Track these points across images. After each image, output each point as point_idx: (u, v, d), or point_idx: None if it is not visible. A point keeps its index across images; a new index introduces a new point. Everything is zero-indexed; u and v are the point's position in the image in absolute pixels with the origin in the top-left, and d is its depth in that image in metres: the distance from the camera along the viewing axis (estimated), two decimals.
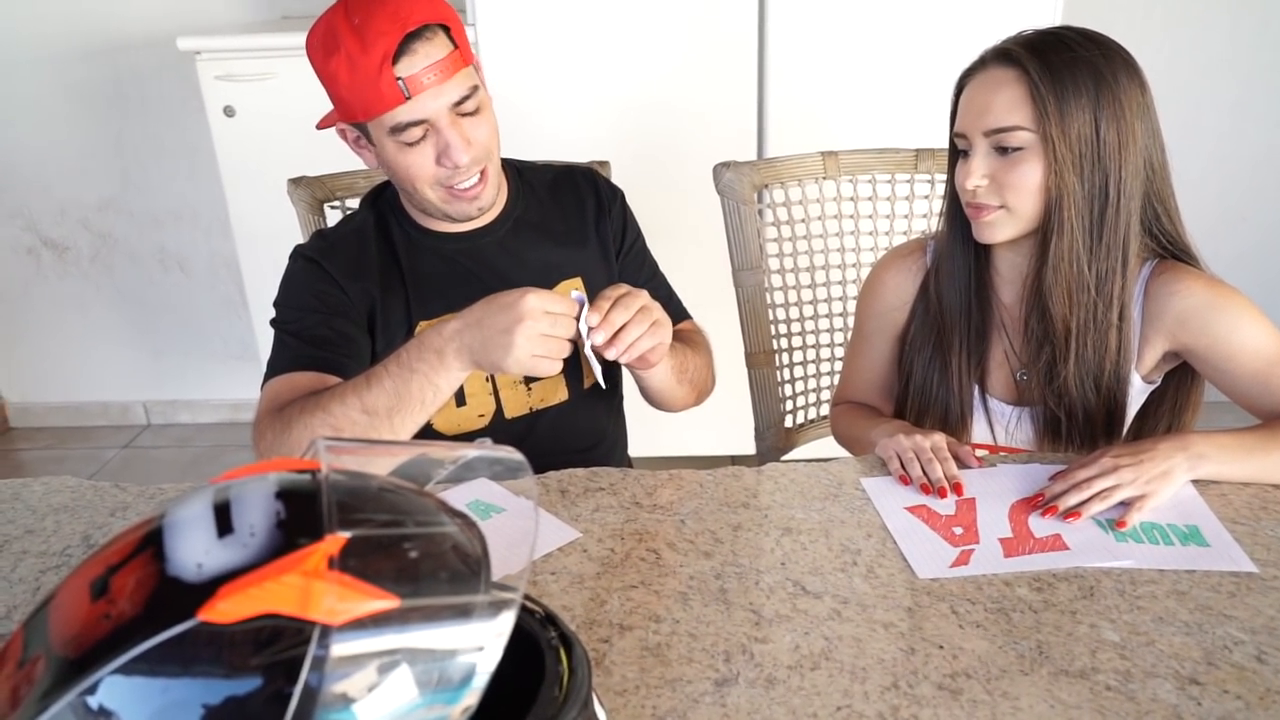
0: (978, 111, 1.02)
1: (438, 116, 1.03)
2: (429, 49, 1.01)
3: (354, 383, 0.96)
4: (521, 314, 0.89)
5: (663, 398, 1.18)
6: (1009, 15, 1.91)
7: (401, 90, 1.00)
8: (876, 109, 1.99)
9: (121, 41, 2.45)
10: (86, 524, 0.98)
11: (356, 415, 0.93)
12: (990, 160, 1.03)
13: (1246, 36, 2.39)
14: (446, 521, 0.59)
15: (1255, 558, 0.85)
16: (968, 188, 1.04)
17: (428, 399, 0.95)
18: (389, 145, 1.05)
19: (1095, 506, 0.91)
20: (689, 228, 1.73)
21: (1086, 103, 0.98)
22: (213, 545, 0.51)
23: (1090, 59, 0.99)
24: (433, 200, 1.09)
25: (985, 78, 1.03)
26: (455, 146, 1.04)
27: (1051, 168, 1.00)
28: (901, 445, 1.01)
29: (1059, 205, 1.01)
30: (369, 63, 0.99)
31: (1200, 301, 1.03)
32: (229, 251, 2.53)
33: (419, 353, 0.94)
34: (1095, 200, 1.01)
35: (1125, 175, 1.00)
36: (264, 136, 2.10)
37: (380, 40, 0.98)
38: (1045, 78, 0.98)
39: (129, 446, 2.72)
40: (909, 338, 1.20)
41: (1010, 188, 1.02)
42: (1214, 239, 2.57)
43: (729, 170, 1.43)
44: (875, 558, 0.88)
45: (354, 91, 1.01)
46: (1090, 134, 0.99)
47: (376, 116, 1.03)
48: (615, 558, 0.90)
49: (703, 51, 1.97)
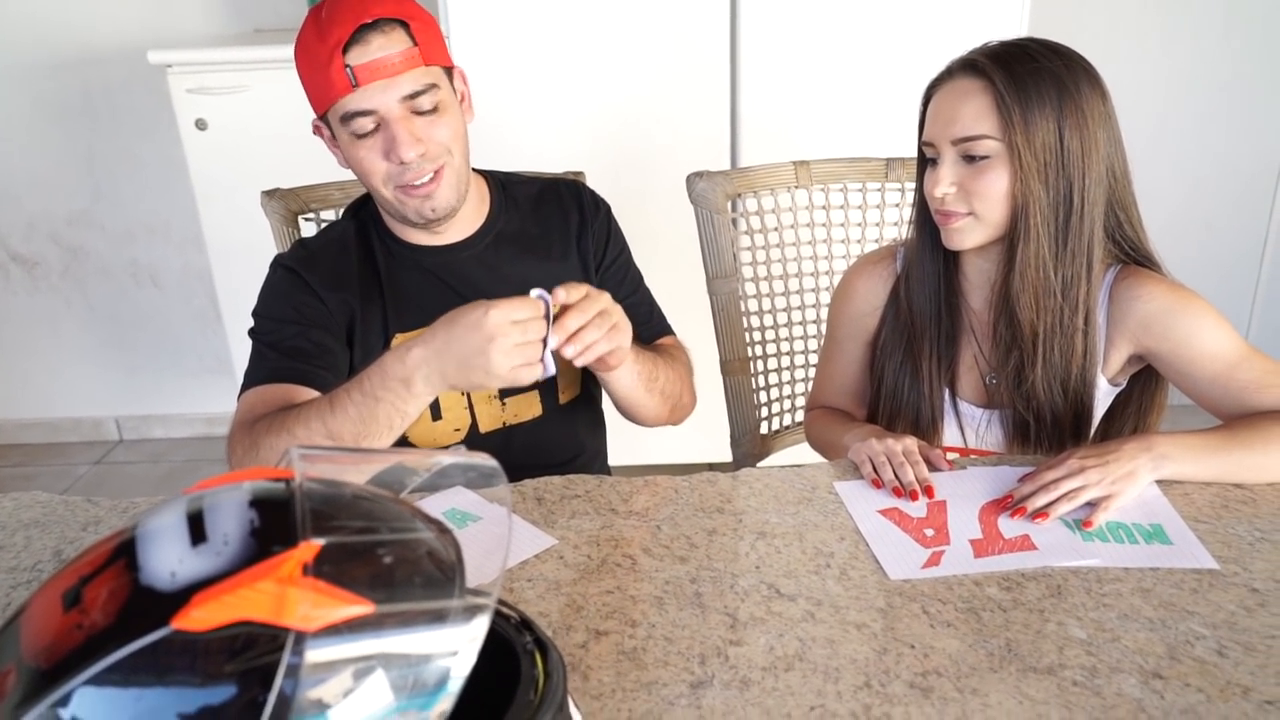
0: (945, 120, 1.04)
1: (387, 110, 1.04)
2: (384, 41, 1.02)
3: (317, 405, 0.95)
4: (491, 332, 0.88)
5: (631, 406, 1.17)
6: (975, 27, 1.95)
7: (349, 79, 1.01)
8: (847, 119, 2.02)
9: (92, 54, 2.44)
10: (58, 539, 0.97)
11: (320, 440, 0.93)
12: (958, 168, 1.05)
13: (1209, 49, 2.44)
14: (421, 528, 0.59)
15: (1216, 555, 0.87)
16: (936, 195, 1.06)
17: (395, 424, 0.94)
18: (344, 137, 1.06)
19: (1063, 507, 0.93)
20: (663, 237, 1.75)
21: (1050, 112, 1.01)
22: (186, 554, 0.51)
23: (1053, 69, 1.01)
24: (389, 199, 1.10)
25: (952, 87, 1.05)
26: (401, 141, 1.04)
27: (1017, 175, 1.02)
28: (873, 449, 1.03)
29: (1025, 212, 1.03)
30: (322, 50, 1.01)
31: (1163, 306, 1.06)
32: (202, 265, 2.52)
33: (382, 380, 0.93)
34: (1060, 207, 1.03)
35: (1089, 183, 1.03)
36: (236, 149, 2.09)
37: (335, 29, 1.01)
38: (1010, 87, 1.01)
39: (101, 462, 2.69)
40: (880, 343, 1.22)
41: (977, 195, 1.04)
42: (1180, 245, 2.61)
43: (702, 180, 1.44)
44: (848, 560, 0.89)
45: (311, 80, 1.04)
46: (1054, 142, 1.01)
47: (329, 105, 1.04)
48: (591, 564, 0.90)
49: (675, 62, 1.99)
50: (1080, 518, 0.92)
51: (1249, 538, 0.90)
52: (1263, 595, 0.82)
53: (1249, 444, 0.98)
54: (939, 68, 1.09)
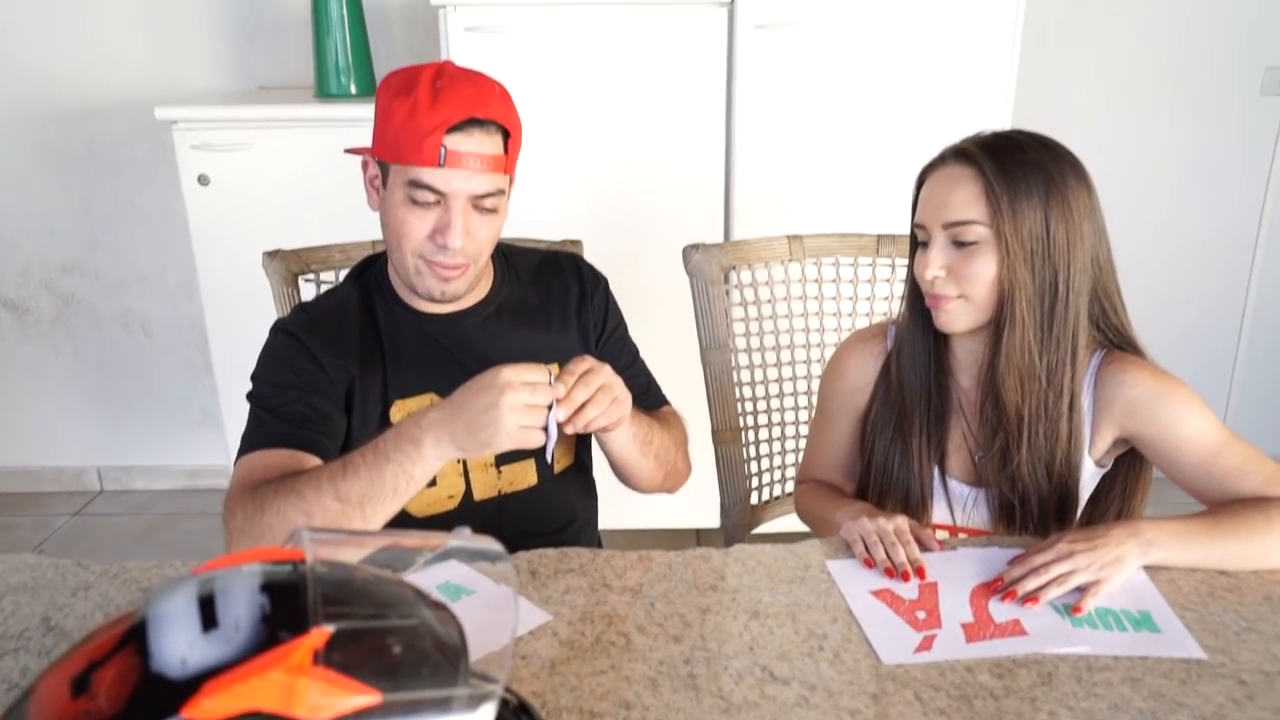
0: (936, 205, 1.08)
1: (455, 197, 1.07)
2: (483, 140, 1.06)
3: (330, 469, 0.97)
4: (502, 387, 0.91)
5: (626, 468, 1.19)
6: (964, 109, 2.02)
7: (440, 156, 1.04)
8: (839, 195, 2.07)
9: (98, 106, 2.47)
10: (46, 604, 0.96)
11: (329, 502, 0.94)
12: (948, 252, 1.08)
13: (1184, 130, 2.53)
14: (426, 613, 0.60)
15: (1204, 644, 0.89)
16: (926, 277, 1.09)
17: (401, 488, 0.95)
18: (398, 195, 1.08)
19: (1052, 591, 0.94)
20: (658, 306, 1.77)
21: (1037, 202, 1.04)
22: (197, 640, 0.51)
23: (1041, 162, 1.05)
24: (408, 265, 1.12)
25: (944, 173, 1.09)
26: (454, 229, 1.07)
27: (1004, 261, 1.05)
28: (865, 528, 1.04)
29: (1011, 298, 1.06)
30: (429, 120, 1.04)
31: (1147, 391, 1.09)
32: (195, 315, 2.52)
33: (396, 442, 0.95)
34: (1045, 294, 1.06)
35: (1073, 271, 1.06)
36: (237, 205, 2.11)
37: (448, 107, 1.04)
38: (999, 176, 1.04)
39: (80, 514, 2.66)
40: (870, 418, 1.23)
41: (966, 279, 1.07)
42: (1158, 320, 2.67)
43: (698, 252, 1.47)
44: (841, 642, 0.90)
45: (401, 134, 1.05)
46: (1040, 231, 1.05)
47: (405, 165, 1.06)
48: (585, 641, 0.90)
49: (672, 135, 2.04)
50: (1069, 603, 0.94)
51: (1235, 627, 0.91)
52: (1250, 688, 0.83)
53: (1233, 531, 1.00)
54: (928, 147, 1.14)
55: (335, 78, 2.21)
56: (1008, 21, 1.97)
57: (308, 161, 2.07)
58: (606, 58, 2.00)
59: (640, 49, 1.99)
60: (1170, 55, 2.48)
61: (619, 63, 2.00)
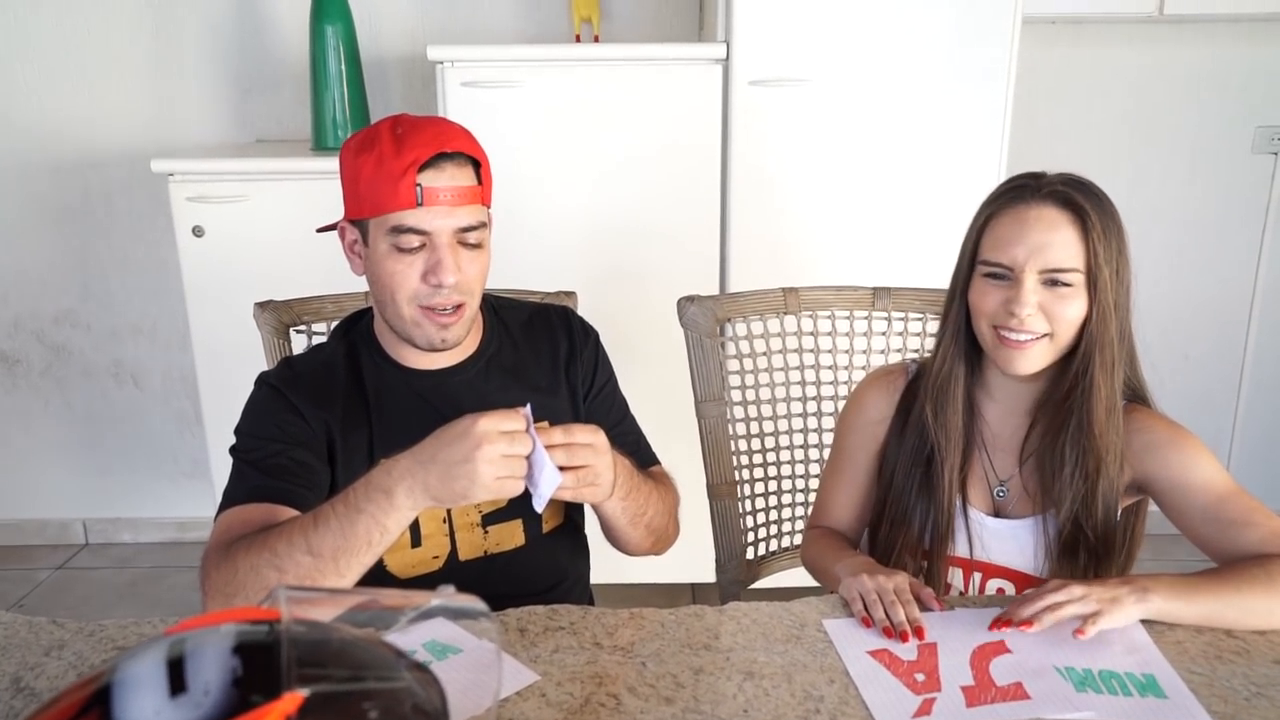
0: (1033, 247, 1.08)
1: (439, 234, 1.07)
2: (455, 172, 1.07)
3: (301, 522, 0.94)
4: (478, 439, 0.88)
5: (615, 534, 1.17)
6: (957, 163, 2.03)
7: (417, 196, 1.04)
8: (835, 248, 2.08)
9: (94, 157, 2.48)
10: (18, 664, 0.93)
11: (301, 556, 0.91)
12: (1039, 292, 1.10)
13: (1177, 188, 2.55)
14: (406, 675, 0.58)
15: (1213, 710, 0.86)
16: (1020, 315, 1.09)
17: (374, 540, 0.92)
18: (382, 247, 1.08)
19: (1048, 618, 0.93)
20: (652, 358, 1.76)
21: (1117, 247, 1.10)
22: (164, 705, 0.49)
23: (1112, 209, 1.12)
24: (405, 317, 1.10)
25: (1039, 215, 1.09)
26: (445, 265, 1.06)
27: (1094, 305, 1.09)
28: (864, 586, 1.01)
29: (1100, 341, 1.09)
30: (397, 164, 1.04)
31: (1163, 438, 1.13)
32: (186, 366, 2.51)
33: (366, 492, 0.92)
34: (1124, 335, 1.12)
35: (1131, 313, 1.13)
36: (231, 257, 2.11)
37: (415, 149, 1.04)
38: (1097, 223, 1.08)
39: (64, 567, 2.61)
40: (887, 452, 1.24)
41: (1056, 319, 1.09)
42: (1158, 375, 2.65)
43: (693, 304, 1.46)
44: (838, 705, 0.87)
45: (372, 186, 1.05)
46: (1123, 275, 1.11)
47: (384, 214, 1.06)
48: (575, 702, 0.87)
49: (668, 187, 2.05)
50: (1073, 664, 0.91)
51: (1245, 692, 0.89)
52: None
53: (1234, 586, 0.98)
54: (921, 202, 1.16)
55: (333, 131, 2.22)
56: (999, 80, 1.99)
57: (304, 213, 2.06)
58: (602, 112, 2.02)
59: (636, 104, 2.01)
60: (1161, 114, 2.51)
61: (615, 117, 2.02)
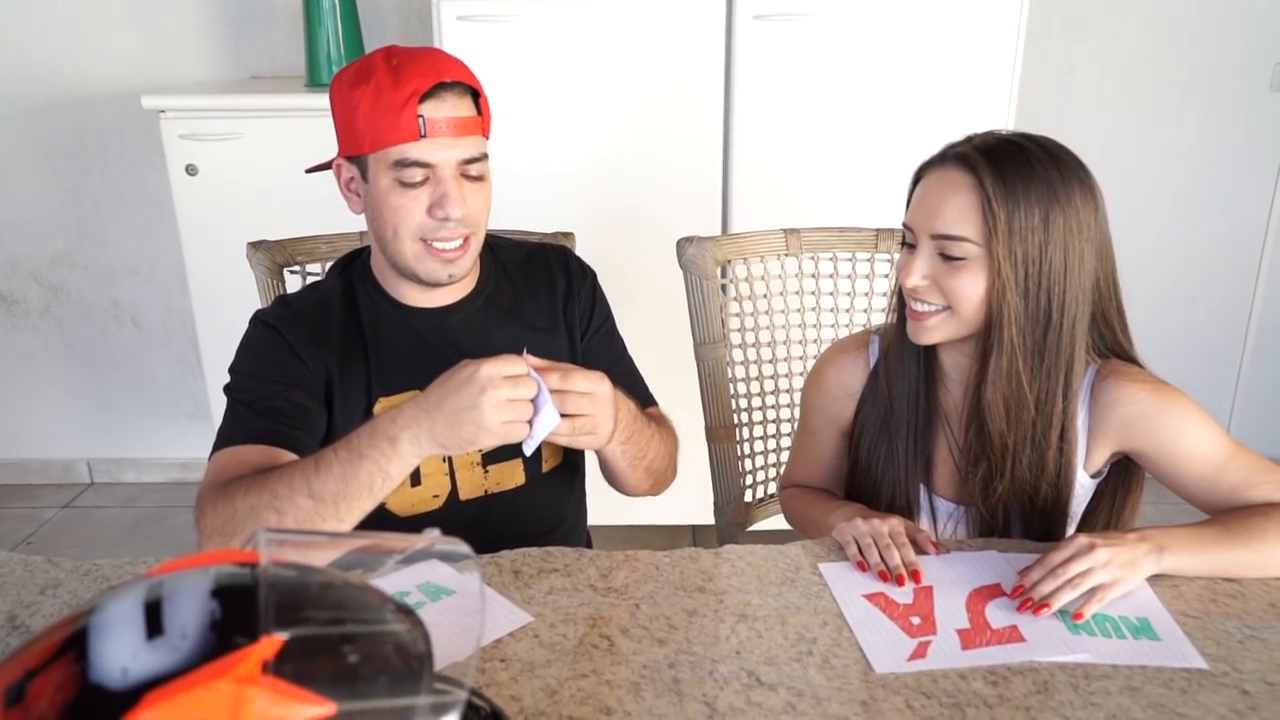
0: (928, 212, 1.01)
1: (443, 167, 1.04)
2: (456, 103, 1.04)
3: (302, 465, 0.93)
4: (483, 384, 0.87)
5: (615, 476, 1.17)
6: (966, 101, 1.98)
7: (419, 128, 1.02)
8: (838, 189, 2.04)
9: (85, 96, 2.44)
10: (13, 602, 0.93)
11: (302, 500, 0.91)
12: (933, 262, 1.01)
13: (1192, 126, 2.49)
14: (389, 618, 0.57)
15: (1206, 653, 0.86)
16: (907, 285, 1.03)
17: (376, 486, 0.92)
18: (384, 182, 1.05)
19: (1065, 596, 0.89)
20: (651, 300, 1.74)
21: (1037, 223, 0.97)
22: (140, 648, 0.48)
23: (1047, 177, 0.97)
24: (408, 252, 1.08)
25: (941, 177, 1.01)
26: (451, 198, 1.04)
27: (994, 283, 0.99)
28: (859, 530, 1.01)
29: (999, 323, 0.99)
30: (397, 96, 1.01)
31: (1145, 408, 1.03)
32: (185, 308, 2.50)
33: (370, 438, 0.91)
34: (1038, 321, 1.00)
35: (1069, 298, 0.99)
36: (226, 196, 2.08)
37: (414, 80, 1.02)
38: (998, 191, 0.97)
39: (70, 506, 2.64)
40: (856, 427, 1.19)
41: (951, 293, 1.01)
42: (1165, 319, 2.63)
43: (692, 245, 1.44)
44: (831, 647, 0.87)
45: (371, 120, 1.02)
46: (1036, 255, 0.97)
47: (386, 148, 1.03)
48: (567, 644, 0.87)
49: (669, 126, 2.01)
50: (1071, 609, 0.90)
51: (1239, 635, 0.88)
52: (1254, 698, 0.80)
53: (1244, 539, 0.96)
54: (928, 140, 1.07)
55: (327, 67, 2.17)
56: (1011, 14, 1.93)
57: (299, 151, 2.02)
58: (602, 47, 1.96)
59: (636, 39, 1.96)
60: (1178, 50, 2.43)
61: (615, 52, 1.97)
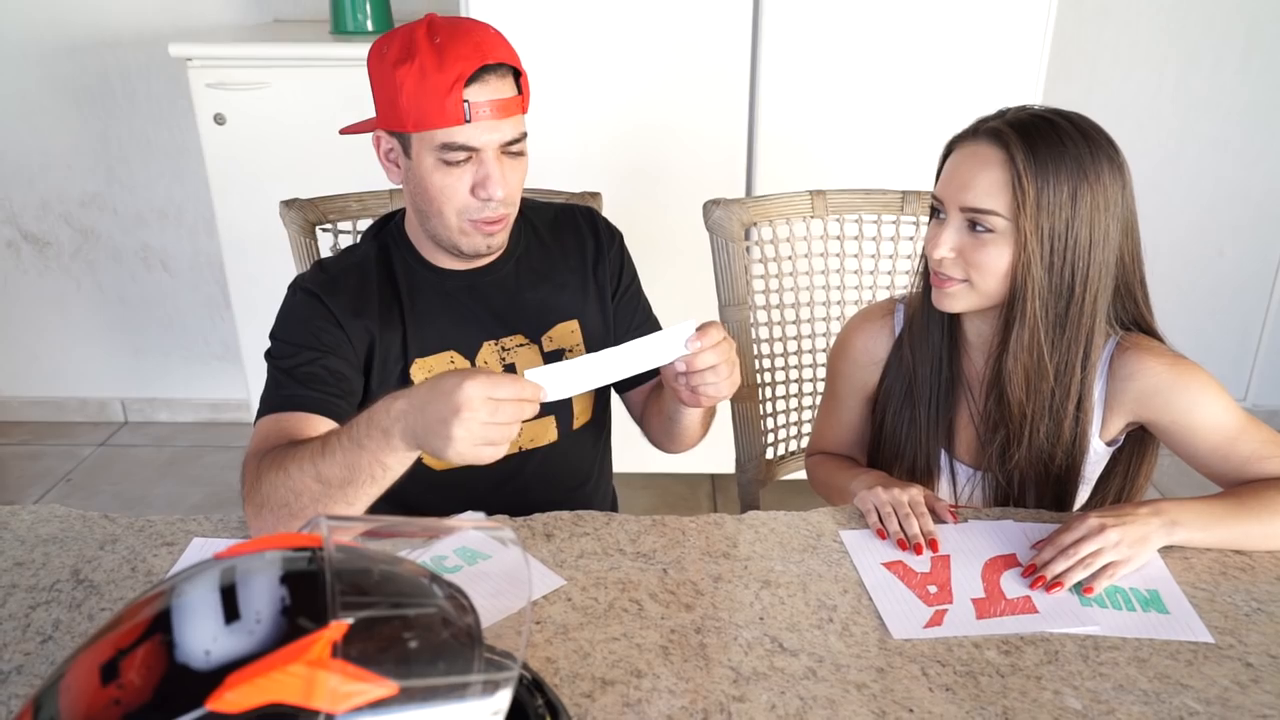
0: (959, 184, 1.03)
1: (487, 148, 1.06)
2: (499, 85, 1.05)
3: (311, 448, 0.94)
4: (458, 404, 0.84)
5: (679, 434, 1.19)
6: (996, 54, 1.95)
7: (465, 112, 1.03)
8: (865, 150, 2.02)
9: (112, 39, 2.43)
10: (76, 557, 0.99)
11: (311, 482, 0.93)
12: (961, 234, 1.04)
13: (1226, 76, 2.44)
14: (441, 599, 0.61)
15: (1213, 625, 0.89)
16: (934, 257, 1.05)
17: (377, 476, 0.92)
18: (427, 162, 1.07)
19: (1077, 574, 0.93)
20: (676, 261, 1.76)
21: (1065, 199, 0.99)
22: (220, 632, 0.52)
23: (1077, 153, 0.99)
24: (452, 227, 1.10)
25: (973, 151, 1.03)
26: (494, 179, 1.06)
27: (1020, 257, 1.01)
28: (880, 499, 1.04)
29: (1023, 295, 1.02)
30: (442, 79, 1.02)
31: (1161, 381, 1.06)
32: (214, 251, 2.53)
33: (367, 429, 0.91)
34: (1061, 295, 1.02)
35: (1093, 273, 1.02)
36: (254, 145, 2.10)
37: (459, 62, 1.02)
38: (1029, 167, 0.99)
39: (106, 444, 2.71)
40: (881, 392, 1.22)
41: (975, 266, 1.03)
42: (1192, 271, 2.60)
43: (718, 208, 1.45)
44: (851, 614, 0.91)
45: (416, 101, 1.04)
46: (1063, 230, 1.00)
47: (430, 130, 1.05)
48: (599, 607, 0.92)
49: (695, 87, 1.99)
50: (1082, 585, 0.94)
51: (1245, 608, 0.92)
52: (1257, 670, 0.84)
53: (1256, 513, 0.99)
54: (957, 101, 1.09)
55: (352, 14, 2.16)
56: None
57: (326, 102, 2.04)
58: (629, 6, 1.93)
59: None
60: None
61: (642, 12, 1.94)
